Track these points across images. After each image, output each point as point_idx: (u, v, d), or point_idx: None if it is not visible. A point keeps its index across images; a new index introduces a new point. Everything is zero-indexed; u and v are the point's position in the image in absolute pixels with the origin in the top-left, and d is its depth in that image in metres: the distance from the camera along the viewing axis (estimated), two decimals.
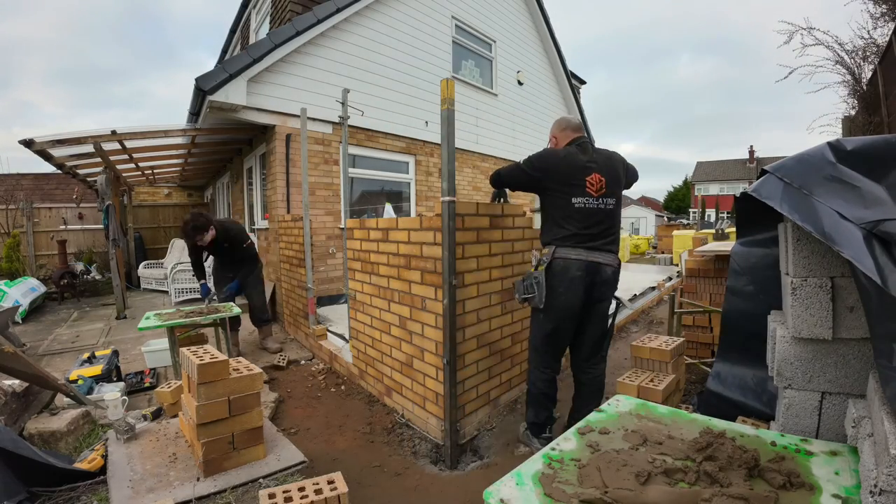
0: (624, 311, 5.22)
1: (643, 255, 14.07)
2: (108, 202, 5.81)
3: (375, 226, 2.90)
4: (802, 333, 1.20)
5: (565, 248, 2.12)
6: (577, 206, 2.11)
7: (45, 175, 11.37)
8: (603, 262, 2.13)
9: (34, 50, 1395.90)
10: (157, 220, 10.11)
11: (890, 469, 0.77)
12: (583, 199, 2.11)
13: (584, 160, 2.15)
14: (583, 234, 2.11)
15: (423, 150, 6.74)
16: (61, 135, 4.89)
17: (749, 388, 2.04)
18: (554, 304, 2.14)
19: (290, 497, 1.47)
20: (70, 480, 1.87)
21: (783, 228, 1.40)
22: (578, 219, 2.11)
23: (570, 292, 2.11)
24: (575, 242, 2.11)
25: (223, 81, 4.40)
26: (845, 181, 1.03)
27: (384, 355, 2.92)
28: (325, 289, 5.36)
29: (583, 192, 2.10)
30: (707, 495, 0.88)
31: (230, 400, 1.88)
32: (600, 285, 2.15)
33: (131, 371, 3.53)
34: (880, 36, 4.86)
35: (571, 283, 2.10)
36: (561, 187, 2.13)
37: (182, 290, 6.68)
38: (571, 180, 2.11)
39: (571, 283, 2.10)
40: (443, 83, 2.11)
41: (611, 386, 3.23)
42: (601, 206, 2.13)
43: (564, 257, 2.11)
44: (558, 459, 1.07)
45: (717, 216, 26.16)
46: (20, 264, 7.89)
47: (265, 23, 7.31)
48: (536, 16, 9.14)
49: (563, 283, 2.11)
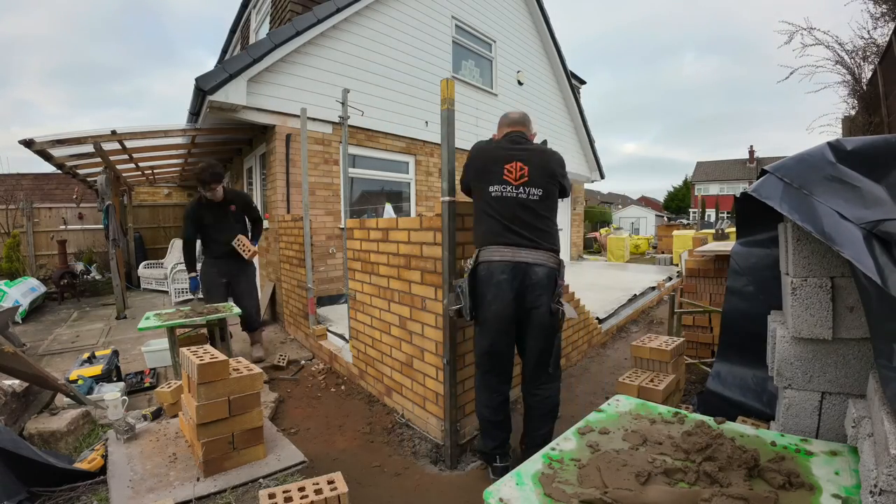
0: (619, 316, 5.22)
1: (643, 255, 14.08)
2: (108, 202, 5.81)
3: (375, 226, 2.90)
4: (802, 333, 1.20)
5: (488, 250, 1.93)
6: (493, 195, 1.93)
7: (45, 175, 11.36)
8: (532, 261, 1.89)
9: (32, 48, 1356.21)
10: (157, 220, 10.10)
11: (890, 469, 0.77)
12: (499, 186, 1.92)
13: (508, 148, 2.01)
14: (502, 228, 1.91)
15: (423, 150, 6.74)
16: (61, 135, 4.89)
17: (749, 388, 2.04)
18: (485, 316, 1.92)
19: (290, 497, 1.47)
20: (70, 480, 1.86)
21: (783, 228, 1.40)
22: (497, 208, 1.92)
23: (498, 300, 1.88)
24: (496, 239, 1.91)
25: (223, 81, 4.40)
26: (845, 181, 1.03)
27: (384, 355, 2.92)
28: (325, 289, 5.36)
29: (500, 179, 1.92)
30: (707, 495, 0.88)
31: (230, 400, 1.88)
32: (532, 289, 1.89)
33: (131, 371, 3.53)
34: (880, 36, 4.86)
35: (498, 288, 1.88)
36: (480, 176, 1.99)
37: (182, 290, 6.69)
38: (490, 167, 1.96)
39: (498, 289, 1.88)
40: (443, 83, 2.11)
41: (611, 386, 3.24)
42: (520, 195, 1.91)
43: (488, 260, 1.91)
44: (558, 459, 1.07)
45: (717, 216, 26.16)
46: (20, 264, 7.88)
47: (265, 23, 7.31)
48: (536, 16, 9.14)
49: (489, 290, 1.90)
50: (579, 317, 3.81)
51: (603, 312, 4.79)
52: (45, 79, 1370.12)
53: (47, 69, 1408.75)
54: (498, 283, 1.88)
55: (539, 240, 1.92)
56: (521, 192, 1.92)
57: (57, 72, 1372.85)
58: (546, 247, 1.94)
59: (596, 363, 3.85)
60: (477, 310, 1.96)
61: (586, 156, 11.55)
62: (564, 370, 3.59)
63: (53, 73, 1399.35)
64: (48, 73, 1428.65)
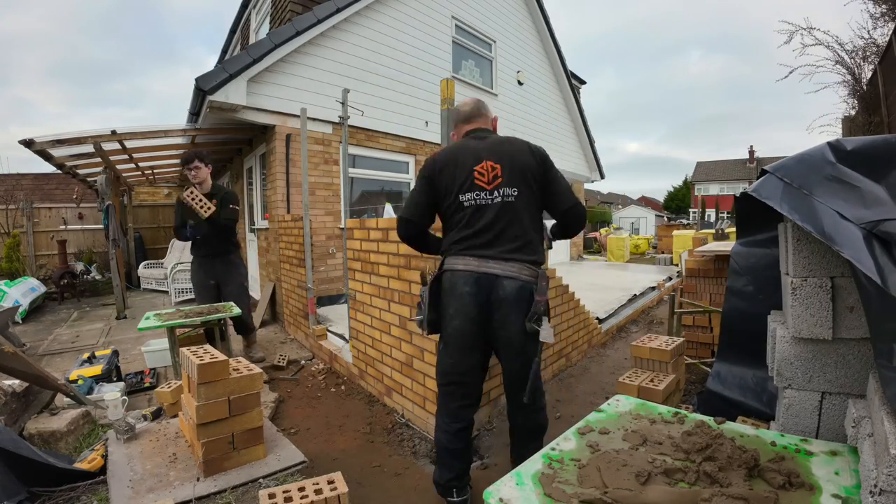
0: (619, 320, 5.22)
1: (643, 255, 14.08)
2: (108, 202, 5.81)
3: (375, 226, 2.90)
4: (802, 333, 1.20)
5: (453, 258, 1.71)
6: (465, 205, 1.69)
7: (45, 175, 11.36)
8: (500, 273, 1.63)
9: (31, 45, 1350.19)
10: (157, 220, 10.10)
11: (890, 469, 0.77)
12: (471, 193, 1.68)
13: (474, 147, 1.75)
14: (472, 234, 1.68)
15: (423, 150, 6.74)
16: (61, 135, 4.89)
17: (749, 388, 2.04)
18: (447, 331, 1.72)
19: (290, 497, 1.47)
20: (70, 480, 1.86)
21: (783, 228, 1.40)
22: (468, 219, 1.69)
23: (461, 315, 1.66)
24: (463, 248, 1.69)
25: (223, 81, 4.40)
26: (845, 181, 1.03)
27: (384, 355, 2.92)
28: (325, 289, 5.37)
29: (471, 185, 1.68)
30: (707, 495, 0.88)
31: (230, 400, 1.88)
32: (499, 305, 1.64)
33: (131, 371, 3.53)
34: (880, 36, 4.87)
35: (461, 301, 1.66)
36: (448, 185, 1.72)
37: (182, 290, 6.69)
38: (457, 172, 1.70)
39: (461, 303, 1.66)
40: (443, 83, 2.12)
41: (611, 386, 3.24)
42: (494, 200, 1.67)
43: (451, 269, 1.70)
44: (558, 459, 1.07)
45: (717, 216, 26.16)
46: (20, 264, 7.89)
47: (265, 23, 7.31)
48: (536, 15, 9.14)
49: (452, 303, 1.69)
50: (579, 317, 3.81)
51: (603, 312, 4.79)
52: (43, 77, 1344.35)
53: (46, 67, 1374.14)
54: (460, 296, 1.66)
55: (513, 249, 1.66)
56: (495, 196, 1.67)
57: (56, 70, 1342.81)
58: (519, 257, 1.66)
59: (596, 363, 3.85)
60: (440, 323, 1.75)
61: (586, 156, 11.56)
62: (564, 370, 3.59)
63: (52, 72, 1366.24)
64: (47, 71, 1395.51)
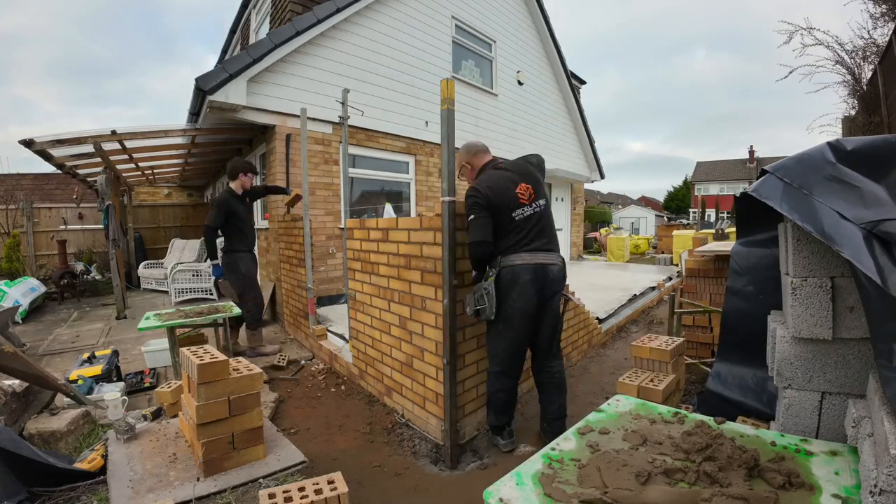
0: (620, 313, 5.22)
1: (643, 255, 14.06)
2: (108, 202, 5.81)
3: (375, 226, 2.90)
4: (802, 333, 1.20)
5: (510, 256, 2.19)
6: (517, 219, 2.20)
7: (45, 175, 11.37)
8: (547, 262, 2.22)
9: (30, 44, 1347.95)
10: (157, 220, 10.10)
11: (890, 469, 0.77)
12: (519, 210, 2.21)
13: (507, 175, 2.27)
14: (524, 241, 2.21)
15: (423, 150, 6.74)
16: (61, 135, 4.89)
17: (749, 388, 2.04)
18: (510, 313, 2.18)
19: (290, 497, 1.47)
20: (70, 480, 1.86)
21: (783, 228, 1.40)
22: (520, 227, 2.20)
23: (524, 297, 2.16)
24: (518, 249, 2.19)
25: (223, 81, 4.40)
26: (845, 181, 1.03)
27: (384, 355, 2.92)
28: (325, 289, 5.36)
29: (517, 203, 2.20)
30: (707, 495, 0.88)
31: (230, 400, 1.88)
32: (550, 283, 2.23)
33: (131, 371, 3.52)
34: (880, 36, 4.87)
35: (523, 288, 2.16)
36: (501, 206, 2.20)
37: (182, 290, 6.68)
38: (504, 197, 2.20)
39: (524, 289, 2.16)
40: (443, 83, 2.11)
41: (611, 386, 3.23)
42: (536, 211, 2.24)
43: (511, 265, 2.17)
44: (558, 459, 1.07)
45: (717, 216, 26.16)
46: (20, 264, 7.88)
47: (265, 23, 7.31)
48: (536, 15, 9.14)
49: (515, 290, 2.16)
50: (579, 317, 3.82)
51: (603, 312, 4.79)
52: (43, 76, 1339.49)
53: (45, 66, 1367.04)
54: (523, 284, 2.16)
55: (550, 244, 2.27)
56: (536, 208, 2.24)
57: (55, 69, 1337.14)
58: (555, 248, 2.30)
59: (596, 363, 3.85)
60: (500, 309, 2.17)
61: (586, 156, 11.55)
62: (564, 370, 3.59)
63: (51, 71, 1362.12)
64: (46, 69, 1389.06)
